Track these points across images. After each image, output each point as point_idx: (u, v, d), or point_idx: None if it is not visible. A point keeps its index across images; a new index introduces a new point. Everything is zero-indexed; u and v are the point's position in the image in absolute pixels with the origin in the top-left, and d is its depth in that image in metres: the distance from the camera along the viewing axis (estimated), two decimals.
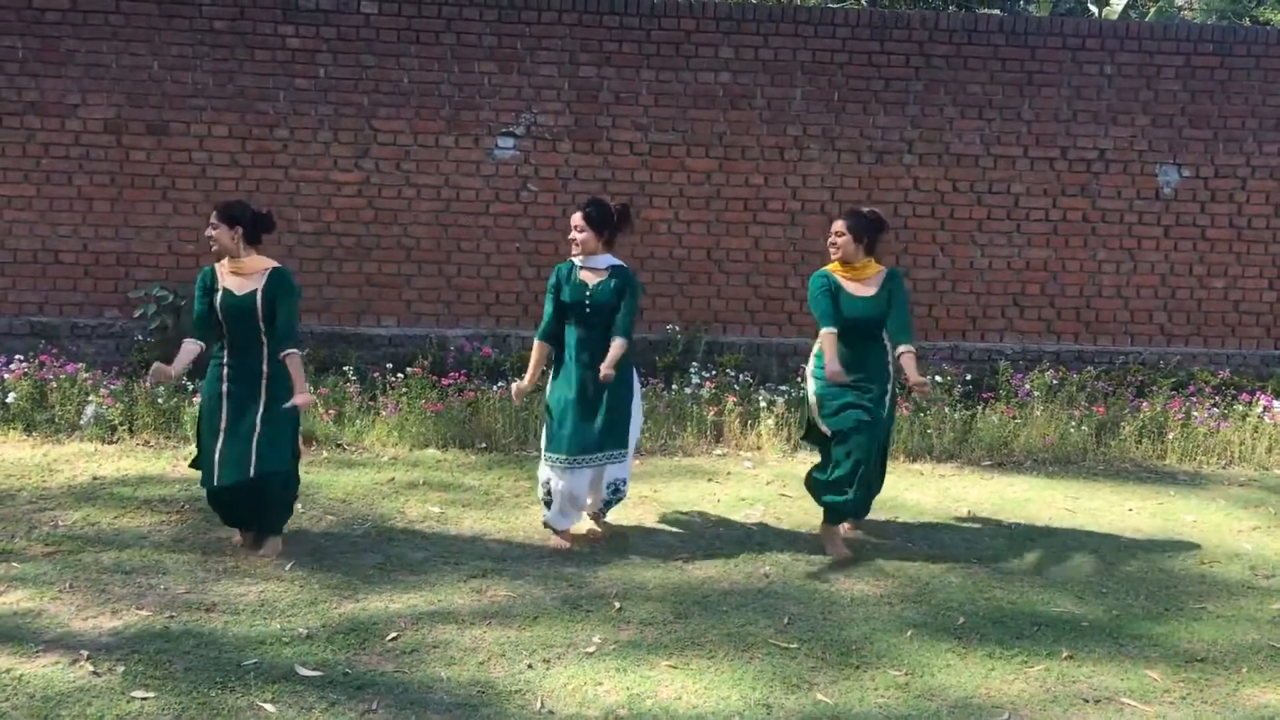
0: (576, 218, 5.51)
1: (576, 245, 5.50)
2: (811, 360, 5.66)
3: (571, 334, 5.46)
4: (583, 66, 8.72)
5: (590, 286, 5.45)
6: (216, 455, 5.00)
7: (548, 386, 5.56)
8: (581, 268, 5.50)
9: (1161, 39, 9.05)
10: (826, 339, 5.39)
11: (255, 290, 5.05)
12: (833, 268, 5.58)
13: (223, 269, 5.13)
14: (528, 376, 5.54)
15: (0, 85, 8.35)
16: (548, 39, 8.68)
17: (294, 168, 8.61)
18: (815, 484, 5.57)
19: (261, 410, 5.04)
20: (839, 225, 5.53)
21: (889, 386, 5.51)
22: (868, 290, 5.49)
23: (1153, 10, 17.38)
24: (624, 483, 5.54)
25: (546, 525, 5.49)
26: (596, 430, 5.34)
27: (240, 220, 5.11)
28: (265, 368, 5.07)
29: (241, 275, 5.09)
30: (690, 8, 8.88)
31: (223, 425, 5.02)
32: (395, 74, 8.62)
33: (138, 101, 8.46)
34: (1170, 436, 7.75)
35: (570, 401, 5.35)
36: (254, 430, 5.01)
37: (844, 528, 5.70)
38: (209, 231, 5.12)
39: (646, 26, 8.74)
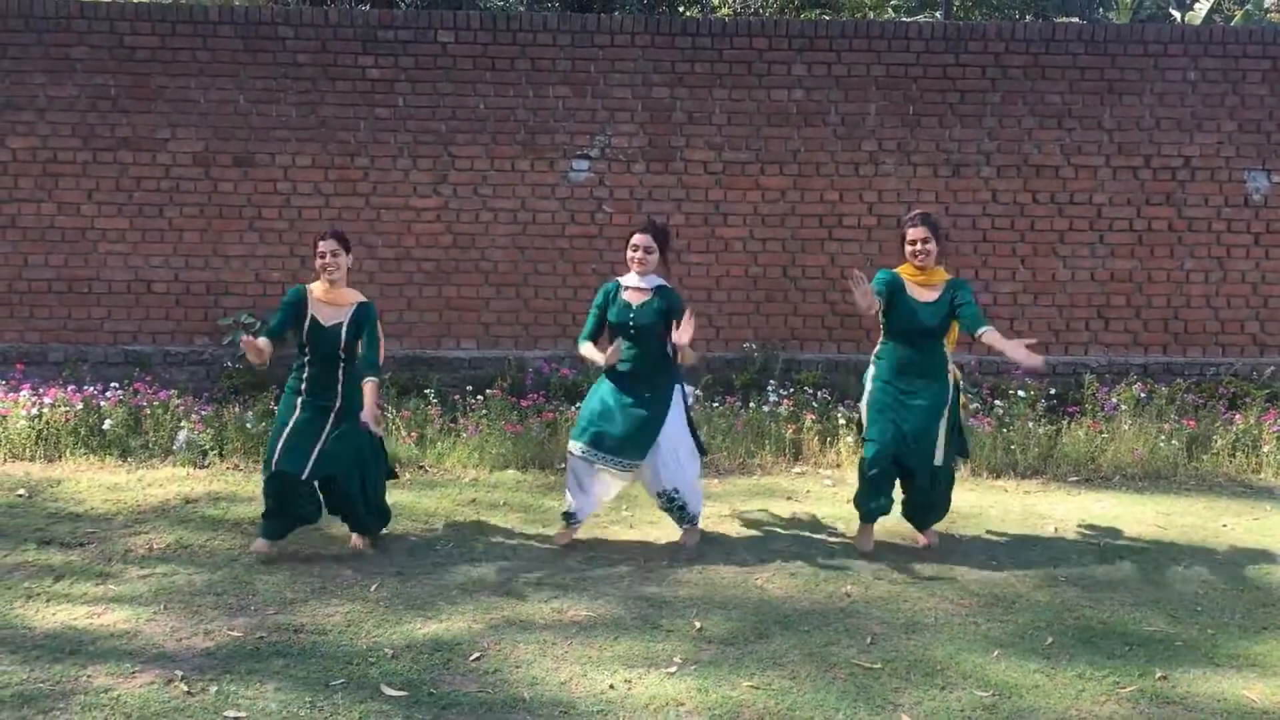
0: (646, 239, 5.56)
1: (639, 265, 5.55)
2: (873, 364, 5.70)
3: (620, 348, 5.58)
4: (655, 88, 8.77)
5: (634, 308, 5.58)
6: (282, 441, 5.27)
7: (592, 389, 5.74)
8: (626, 288, 5.60)
9: (1247, 43, 8.84)
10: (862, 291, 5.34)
11: (342, 324, 5.33)
12: (904, 270, 5.56)
13: (314, 295, 5.32)
14: (605, 356, 5.50)
15: (94, 121, 8.66)
16: (620, 61, 8.76)
17: (375, 195, 8.78)
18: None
19: (331, 424, 5.35)
20: (923, 233, 5.51)
21: (946, 396, 5.55)
22: (930, 295, 5.53)
23: (1239, 14, 16.98)
24: (677, 491, 5.62)
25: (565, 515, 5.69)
26: (620, 436, 5.50)
27: (350, 249, 5.39)
28: (340, 389, 5.38)
29: (332, 305, 5.30)
30: (762, 26, 8.89)
31: (294, 419, 5.31)
32: (471, 100, 8.75)
33: (224, 134, 8.71)
34: (1265, 450, 7.52)
35: (610, 406, 5.53)
36: (322, 435, 5.31)
37: (919, 539, 5.78)
38: (331, 259, 5.34)
39: (719, 46, 8.77)
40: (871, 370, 5.71)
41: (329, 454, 5.33)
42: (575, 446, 5.58)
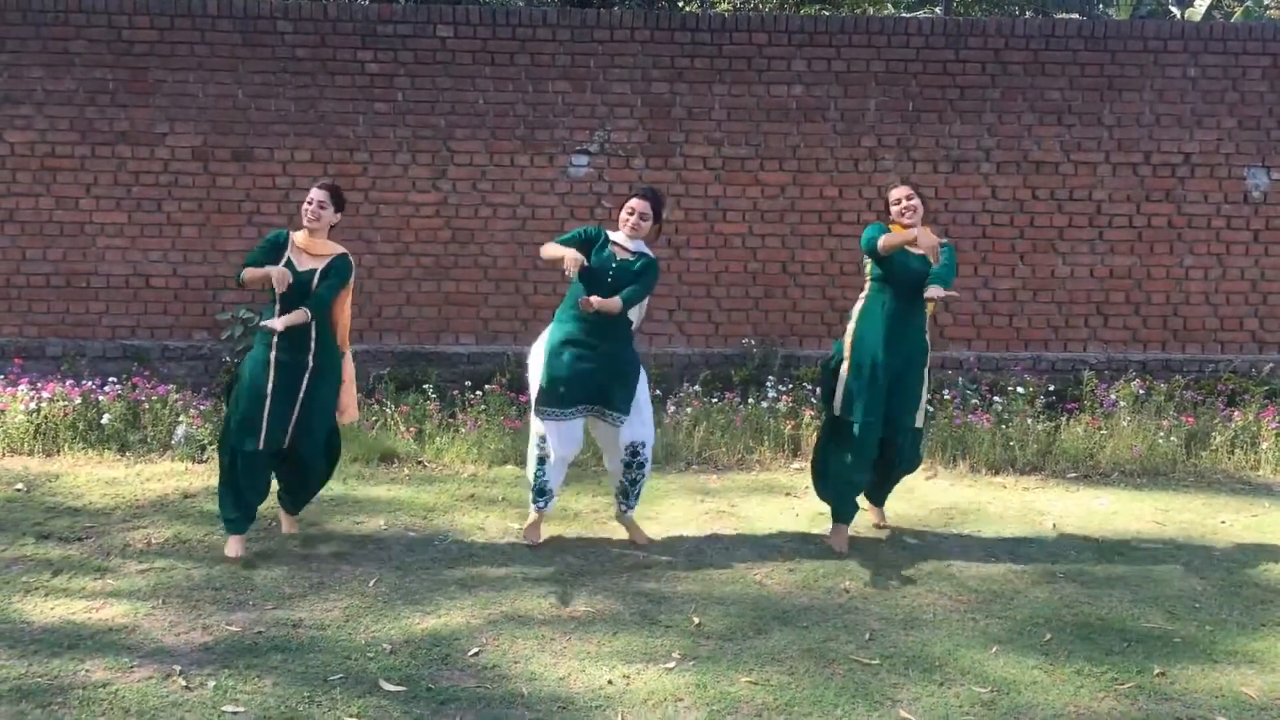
0: (644, 205, 5.50)
1: (632, 229, 5.49)
2: (850, 329, 5.61)
3: (570, 300, 5.50)
4: (655, 83, 8.77)
5: (618, 260, 5.47)
6: (265, 419, 5.18)
7: (545, 334, 5.60)
8: (614, 242, 5.52)
9: (1247, 39, 8.84)
10: (887, 238, 5.35)
11: (315, 270, 5.28)
12: (894, 227, 5.56)
13: (294, 242, 5.29)
14: (569, 253, 5.32)
15: (92, 116, 8.65)
16: (620, 57, 8.74)
17: (374, 190, 8.77)
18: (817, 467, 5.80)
19: (305, 388, 5.27)
20: (906, 190, 5.57)
21: (927, 356, 5.61)
22: (919, 250, 5.46)
23: (1239, 11, 16.98)
24: (643, 446, 5.53)
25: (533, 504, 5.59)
26: (598, 386, 5.40)
27: (342, 207, 5.38)
28: (313, 344, 5.27)
29: (310, 254, 5.27)
30: (762, 21, 8.88)
31: (269, 390, 5.21)
32: (471, 95, 8.74)
33: (223, 129, 8.69)
34: (1264, 447, 7.52)
35: (574, 356, 5.40)
36: (296, 400, 5.25)
37: (875, 518, 5.90)
38: (317, 208, 5.28)
39: (718, 41, 8.76)
40: (850, 334, 5.60)
41: (302, 427, 5.27)
42: (550, 411, 5.42)
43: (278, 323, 5.08)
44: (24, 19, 8.56)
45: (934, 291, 5.28)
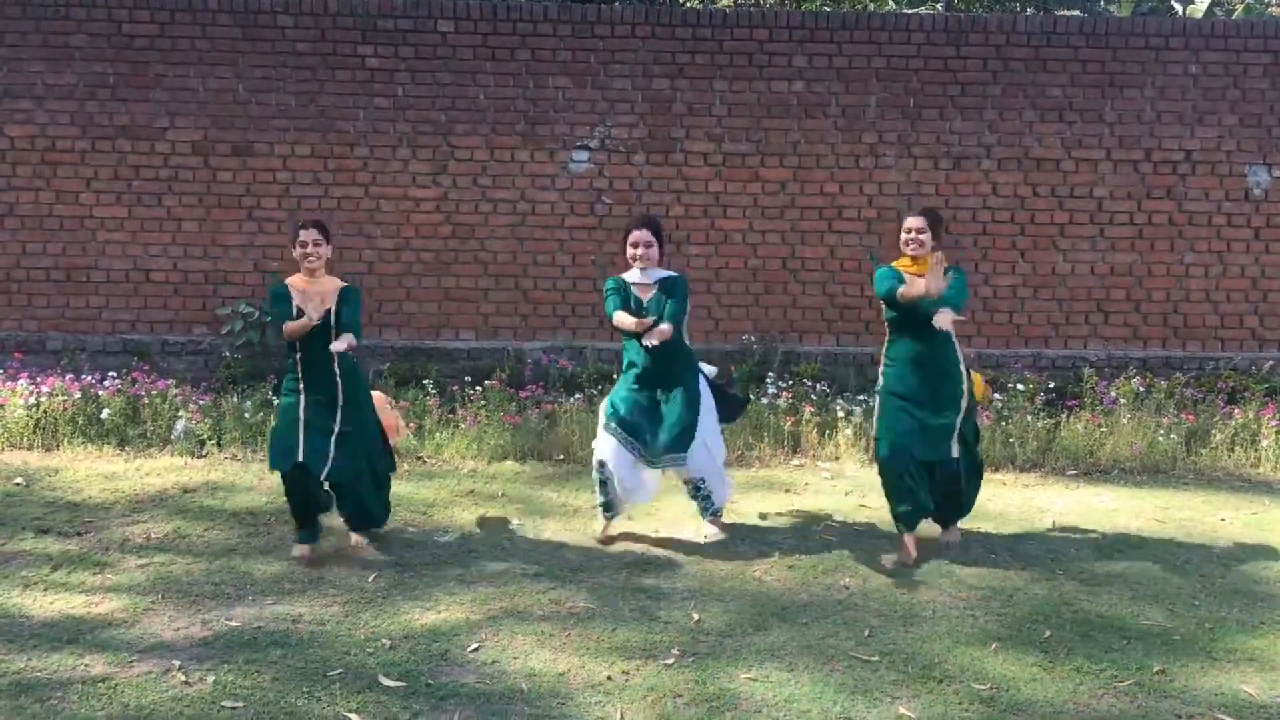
0: (645, 234, 5.56)
1: (642, 262, 5.54)
2: (882, 372, 5.63)
3: (632, 348, 5.55)
4: (656, 79, 8.75)
5: (645, 303, 5.56)
6: (302, 439, 5.18)
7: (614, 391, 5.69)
8: (634, 284, 5.57)
9: (1248, 37, 8.83)
10: (905, 290, 5.30)
11: (329, 310, 5.28)
12: (900, 263, 5.53)
13: (295, 288, 5.28)
14: (638, 323, 5.37)
15: (92, 110, 8.63)
16: (621, 52, 8.73)
17: (374, 185, 8.76)
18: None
19: (339, 421, 5.28)
20: (919, 222, 5.46)
21: (960, 399, 5.46)
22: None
23: (1240, 8, 16.96)
24: (704, 481, 5.63)
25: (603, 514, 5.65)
26: (660, 433, 5.45)
27: (330, 239, 5.37)
28: (338, 378, 5.30)
29: (316, 295, 5.25)
30: (763, 18, 8.87)
31: (302, 417, 5.22)
32: (471, 91, 8.73)
33: (223, 124, 8.68)
34: (1264, 444, 7.52)
35: (637, 404, 5.50)
36: (333, 433, 5.25)
37: (943, 536, 5.74)
38: (314, 248, 5.28)
39: (719, 37, 8.74)
40: (881, 381, 5.62)
41: (340, 462, 5.25)
42: (607, 424, 5.50)
43: (342, 343, 5.08)
44: (24, 13, 8.54)
45: (942, 319, 5.22)
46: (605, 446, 5.50)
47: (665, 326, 5.31)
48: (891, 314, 5.56)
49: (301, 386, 5.28)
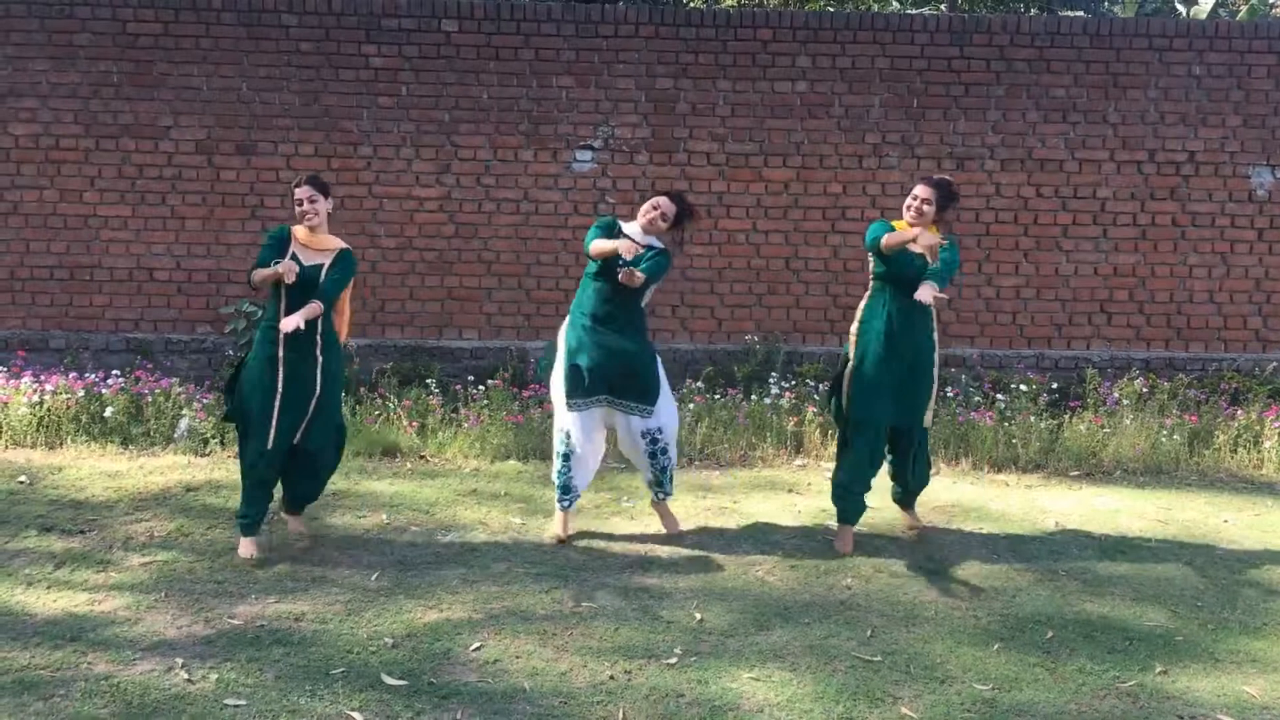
0: (668, 204, 5.51)
1: (651, 225, 5.51)
2: (856, 322, 5.60)
3: (597, 294, 5.50)
4: (660, 79, 8.76)
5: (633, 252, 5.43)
6: (274, 419, 5.14)
7: (562, 332, 5.66)
8: (627, 235, 5.51)
9: (1252, 38, 8.82)
10: (890, 237, 5.31)
11: (323, 265, 5.25)
12: (898, 224, 5.52)
13: (296, 237, 5.26)
14: (623, 243, 5.30)
15: (96, 109, 8.65)
16: (625, 52, 8.74)
17: (377, 184, 8.77)
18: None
19: (318, 389, 5.24)
20: (926, 192, 5.43)
21: (934, 355, 5.55)
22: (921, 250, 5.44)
23: (1244, 9, 16.94)
24: (660, 431, 5.56)
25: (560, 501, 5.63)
26: (618, 375, 5.46)
27: (329, 193, 5.32)
28: (320, 338, 5.24)
29: (314, 249, 5.25)
30: (767, 18, 8.87)
31: (279, 388, 5.15)
32: (475, 90, 8.74)
33: (227, 122, 8.69)
34: (1267, 445, 7.51)
35: (593, 345, 5.46)
36: (310, 399, 5.21)
37: (910, 523, 5.77)
38: (309, 204, 5.22)
39: (723, 37, 8.74)
40: (856, 325, 5.59)
41: (312, 422, 5.24)
42: (574, 401, 5.47)
43: (293, 320, 4.99)
44: (29, 12, 8.55)
45: (924, 293, 5.22)
46: (569, 416, 5.52)
47: (640, 273, 5.27)
48: (879, 268, 5.54)
49: (279, 339, 5.11)
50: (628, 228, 5.58)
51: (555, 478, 5.66)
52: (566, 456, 5.57)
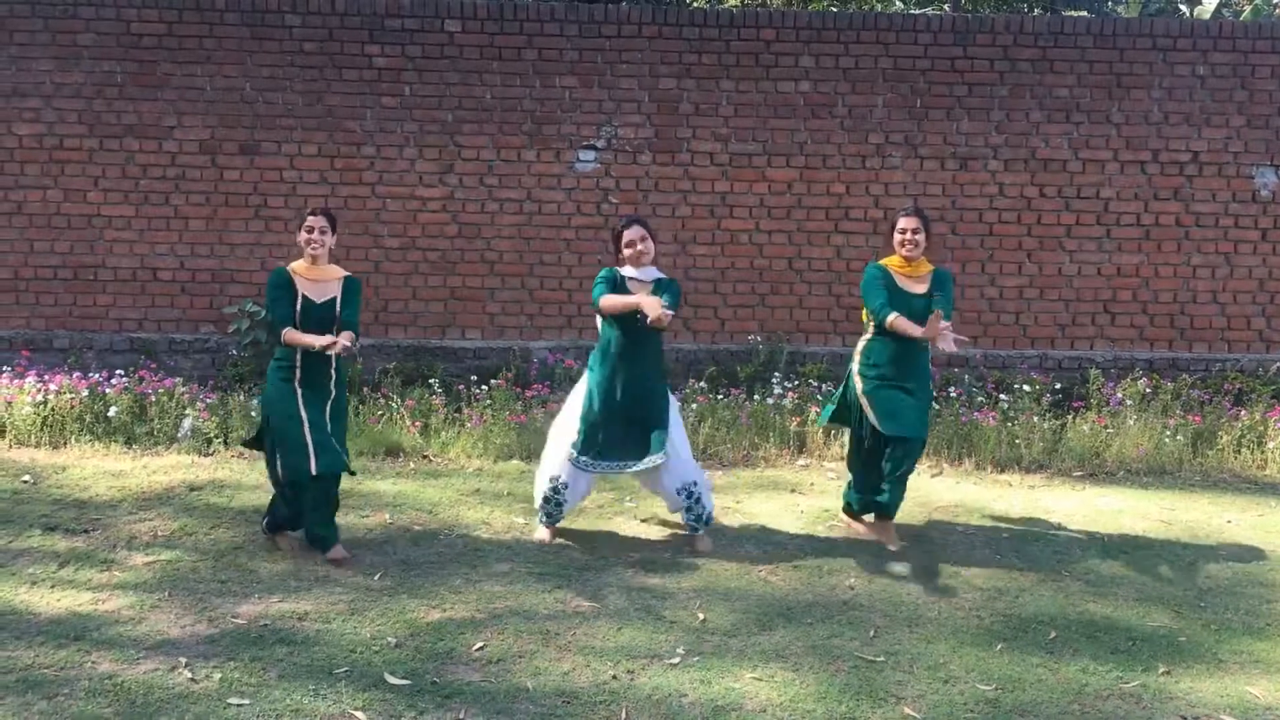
0: (641, 231, 5.51)
1: (639, 258, 5.50)
2: (857, 359, 5.69)
3: (618, 342, 5.47)
4: (662, 79, 8.76)
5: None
6: (311, 443, 5.09)
7: (583, 383, 5.62)
8: (630, 279, 5.52)
9: (1256, 38, 8.81)
10: (898, 321, 5.38)
11: (334, 298, 5.26)
12: (891, 262, 5.58)
13: (298, 275, 5.25)
14: (646, 300, 5.28)
15: (100, 109, 8.66)
16: (628, 52, 8.74)
17: (380, 184, 8.78)
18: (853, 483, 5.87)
19: (330, 411, 5.24)
20: (914, 223, 5.54)
21: (932, 391, 5.74)
22: (919, 287, 5.57)
23: (1248, 10, 16.92)
24: (695, 485, 5.52)
25: (543, 522, 5.61)
26: (630, 439, 5.44)
27: (336, 229, 5.35)
28: (334, 372, 5.26)
29: (319, 282, 5.24)
30: (770, 18, 8.87)
31: (304, 415, 5.14)
32: (478, 90, 8.74)
33: (230, 122, 8.70)
34: (1271, 446, 7.51)
35: (611, 408, 5.44)
36: (327, 426, 5.20)
37: (889, 539, 5.71)
38: (319, 235, 5.23)
39: (726, 38, 8.74)
40: (858, 363, 5.66)
41: (336, 453, 5.21)
42: (583, 460, 5.45)
43: (341, 342, 4.98)
44: (33, 11, 8.57)
45: (949, 345, 5.30)
46: (562, 467, 5.50)
47: (668, 311, 5.21)
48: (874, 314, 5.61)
49: (298, 376, 5.16)
50: (625, 272, 5.53)
51: (538, 507, 5.64)
52: (558, 503, 5.56)
